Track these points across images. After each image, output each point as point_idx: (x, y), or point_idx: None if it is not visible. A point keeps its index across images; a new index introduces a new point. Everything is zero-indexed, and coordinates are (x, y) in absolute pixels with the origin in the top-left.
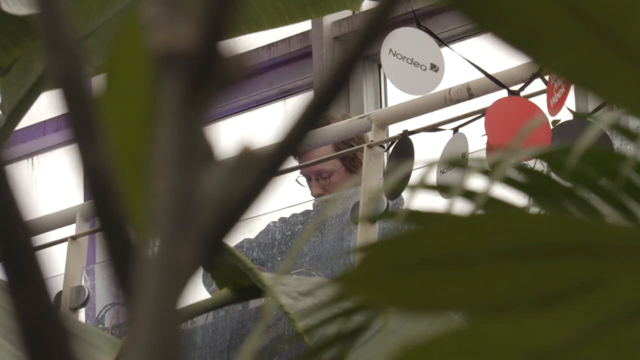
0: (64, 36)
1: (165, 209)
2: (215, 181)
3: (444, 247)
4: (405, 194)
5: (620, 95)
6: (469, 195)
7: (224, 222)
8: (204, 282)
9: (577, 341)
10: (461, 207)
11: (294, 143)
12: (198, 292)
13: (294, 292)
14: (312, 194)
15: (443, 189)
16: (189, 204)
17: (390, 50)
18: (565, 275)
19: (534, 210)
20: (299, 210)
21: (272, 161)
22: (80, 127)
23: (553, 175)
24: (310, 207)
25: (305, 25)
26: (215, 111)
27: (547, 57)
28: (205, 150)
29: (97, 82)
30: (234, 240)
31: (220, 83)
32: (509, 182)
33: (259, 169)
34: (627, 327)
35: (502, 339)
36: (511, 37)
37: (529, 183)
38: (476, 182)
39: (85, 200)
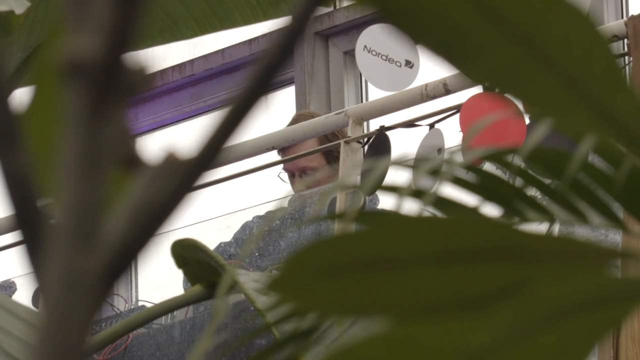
0: None
1: (67, 218)
2: (137, 187)
3: (371, 250)
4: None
5: (541, 99)
6: (420, 195)
7: (143, 229)
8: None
9: (502, 343)
10: (410, 207)
11: (215, 151)
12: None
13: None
14: (295, 191)
15: (393, 189)
16: (92, 212)
17: (365, 46)
18: (489, 279)
19: (485, 210)
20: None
21: (194, 168)
22: (2, 133)
23: (502, 175)
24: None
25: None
26: (197, 107)
27: (468, 63)
28: (127, 156)
29: (23, 89)
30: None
31: (125, 93)
32: (459, 182)
33: (181, 176)
34: (548, 330)
35: (429, 341)
36: (435, 45)
37: (480, 183)
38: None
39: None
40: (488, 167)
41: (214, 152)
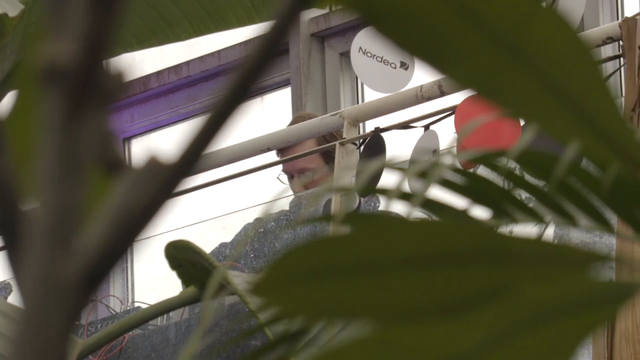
0: None
1: (44, 222)
2: (118, 191)
3: (355, 254)
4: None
5: (522, 104)
6: (409, 197)
7: (124, 233)
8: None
9: (486, 346)
10: (401, 209)
11: (196, 156)
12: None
13: None
14: (294, 192)
15: (384, 192)
16: (70, 216)
17: (360, 48)
18: (473, 282)
19: (474, 213)
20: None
21: (175, 173)
22: None
23: (495, 178)
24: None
25: None
26: (193, 108)
27: (450, 67)
28: (108, 160)
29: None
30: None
31: (102, 98)
32: (449, 184)
33: (162, 180)
34: (532, 333)
35: (414, 345)
36: (417, 50)
37: (469, 185)
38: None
39: None
40: (482, 169)
41: (195, 156)
